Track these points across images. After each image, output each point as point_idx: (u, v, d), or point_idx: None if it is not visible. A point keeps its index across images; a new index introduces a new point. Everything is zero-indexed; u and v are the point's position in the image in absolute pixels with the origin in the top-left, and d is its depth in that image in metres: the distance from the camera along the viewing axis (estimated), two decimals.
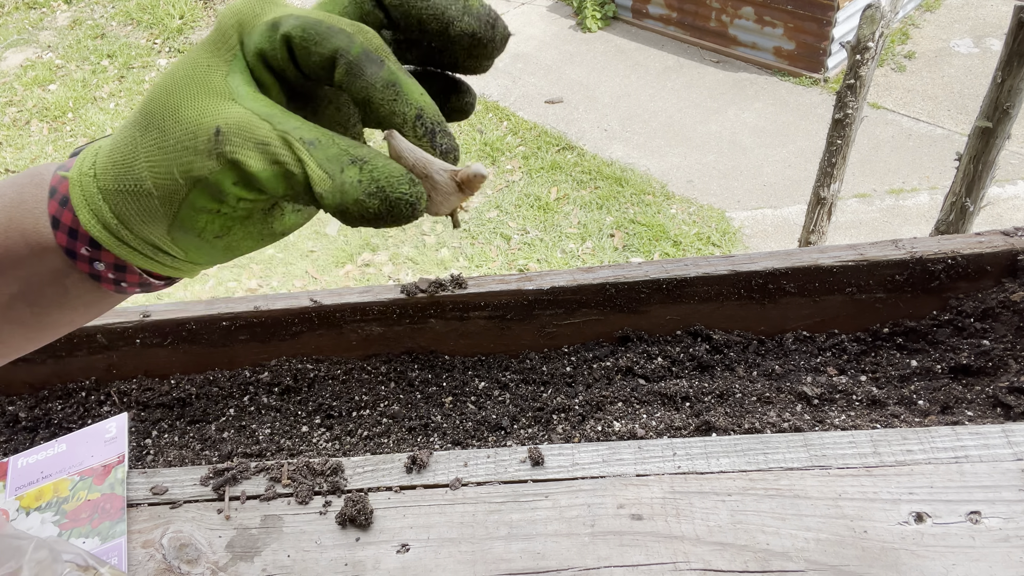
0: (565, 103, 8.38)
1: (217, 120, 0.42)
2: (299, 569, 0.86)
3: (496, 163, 7.65)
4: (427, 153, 0.43)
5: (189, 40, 9.89)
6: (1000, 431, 0.87)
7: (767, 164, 7.37)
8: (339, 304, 1.25)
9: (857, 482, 0.85)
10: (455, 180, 0.43)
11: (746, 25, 8.61)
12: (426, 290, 1.23)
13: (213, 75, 0.43)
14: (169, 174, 0.43)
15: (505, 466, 0.94)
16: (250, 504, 0.95)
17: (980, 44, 8.51)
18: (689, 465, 0.90)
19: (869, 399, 1.10)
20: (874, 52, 3.85)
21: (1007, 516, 0.79)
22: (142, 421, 1.30)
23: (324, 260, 6.87)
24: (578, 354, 1.27)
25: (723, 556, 0.80)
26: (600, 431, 1.11)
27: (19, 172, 0.52)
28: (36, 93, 9.24)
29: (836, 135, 4.21)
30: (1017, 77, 3.23)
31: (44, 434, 1.30)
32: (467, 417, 1.22)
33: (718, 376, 1.20)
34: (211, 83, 0.43)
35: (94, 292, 0.52)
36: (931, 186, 6.90)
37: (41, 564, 0.67)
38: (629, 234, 6.70)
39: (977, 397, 1.07)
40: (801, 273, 1.17)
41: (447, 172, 0.43)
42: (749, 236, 6.64)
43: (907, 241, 1.17)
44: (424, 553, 0.85)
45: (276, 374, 1.31)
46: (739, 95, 8.30)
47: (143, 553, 0.91)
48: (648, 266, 1.22)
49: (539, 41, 9.37)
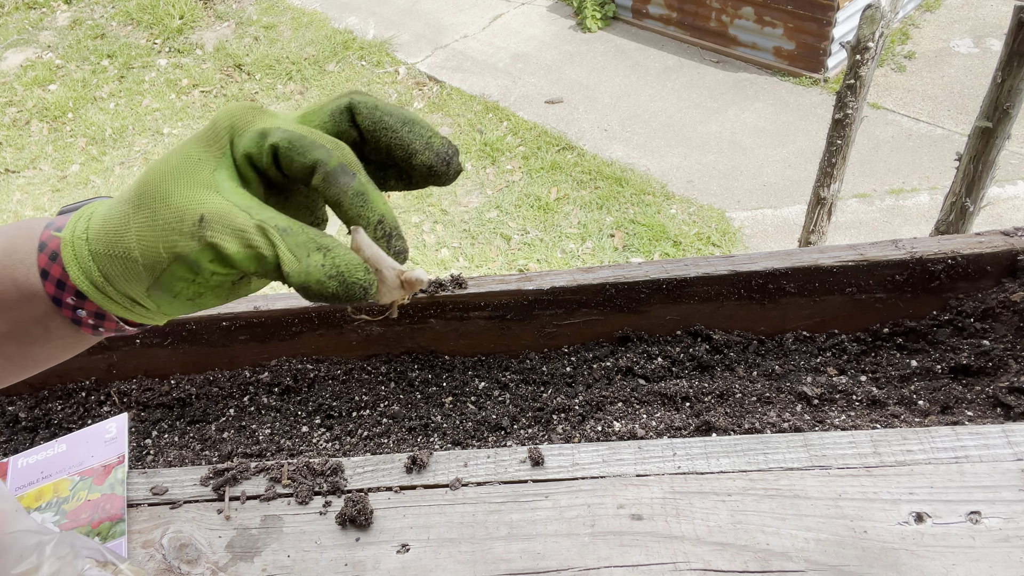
0: (565, 103, 8.38)
1: (201, 209, 0.49)
2: (299, 569, 0.86)
3: (496, 163, 7.66)
4: (382, 251, 0.52)
5: (189, 40, 9.89)
6: (1000, 431, 0.87)
7: (767, 164, 7.37)
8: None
9: (857, 482, 0.85)
10: (400, 278, 0.52)
11: (746, 25, 8.61)
12: (426, 290, 1.23)
13: (202, 168, 0.51)
14: (155, 248, 0.51)
15: (505, 466, 0.94)
16: (250, 504, 0.95)
17: (980, 44, 8.51)
18: (689, 465, 0.90)
19: (869, 399, 1.10)
20: (874, 52, 3.85)
21: (1007, 516, 0.79)
22: (142, 421, 1.30)
23: None
24: (578, 354, 1.27)
25: (723, 556, 0.80)
26: (600, 431, 1.11)
27: (8, 224, 0.60)
28: (36, 93, 9.24)
29: (836, 135, 4.21)
30: (1017, 77, 3.22)
31: (44, 434, 1.30)
32: (467, 417, 1.22)
33: (718, 376, 1.20)
34: (199, 176, 0.51)
35: (74, 335, 0.59)
36: (931, 186, 6.90)
37: (63, 560, 0.67)
38: (629, 234, 6.70)
39: (977, 397, 1.07)
40: (801, 273, 1.17)
41: (395, 270, 0.52)
42: (749, 236, 6.64)
43: (907, 241, 1.17)
44: (424, 553, 0.85)
45: (276, 374, 1.31)
46: (739, 95, 8.30)
47: (143, 553, 0.91)
48: (648, 266, 1.22)
49: (539, 41, 9.36)
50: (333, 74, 9.14)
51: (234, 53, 9.55)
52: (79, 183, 8.08)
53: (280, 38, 9.80)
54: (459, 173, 0.56)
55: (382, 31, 9.71)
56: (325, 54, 9.37)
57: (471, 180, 7.53)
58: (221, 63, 9.53)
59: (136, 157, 8.34)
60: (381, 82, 8.93)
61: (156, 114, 8.91)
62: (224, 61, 9.54)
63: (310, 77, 9.10)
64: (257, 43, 9.76)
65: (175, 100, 9.10)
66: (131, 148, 8.48)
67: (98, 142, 8.59)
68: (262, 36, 9.85)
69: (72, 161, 8.39)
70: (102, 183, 8.03)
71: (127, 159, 8.32)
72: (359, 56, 9.34)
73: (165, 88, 9.27)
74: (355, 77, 9.05)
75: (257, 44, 9.74)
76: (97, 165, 8.29)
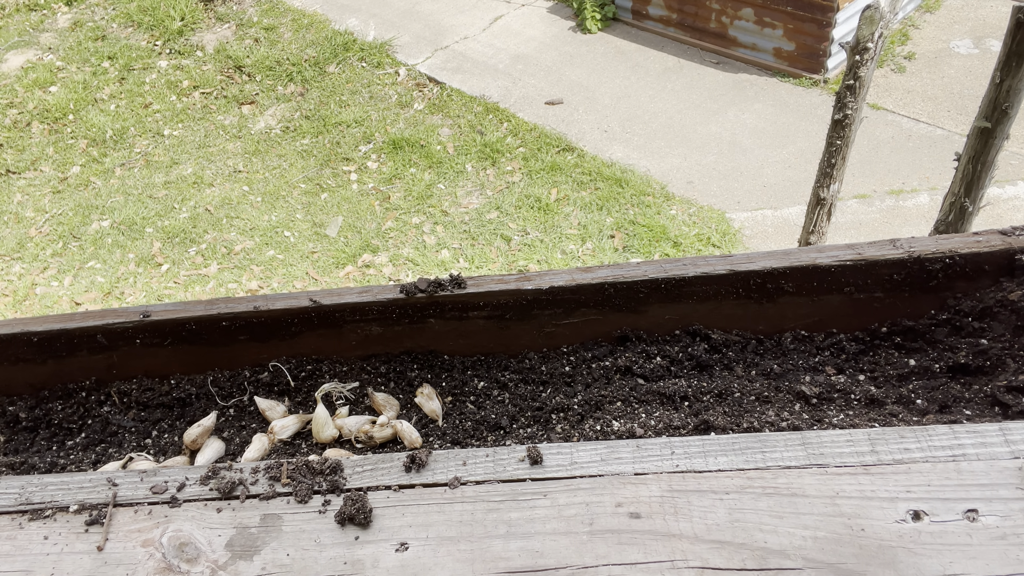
0: (565, 104, 8.38)
1: None
2: (298, 567, 0.86)
3: (496, 164, 7.66)
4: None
5: (189, 42, 9.89)
6: (998, 430, 0.88)
7: (767, 165, 7.37)
8: (338, 304, 1.25)
9: (855, 480, 0.85)
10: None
11: (746, 26, 8.61)
12: (425, 290, 1.23)
13: None
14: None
15: (504, 465, 0.94)
16: (250, 503, 0.95)
17: (980, 45, 8.51)
18: (687, 464, 0.90)
19: (867, 398, 1.11)
20: (873, 53, 3.85)
21: (1004, 514, 0.79)
22: (142, 421, 1.30)
23: (325, 261, 6.87)
24: (577, 354, 1.28)
25: (721, 554, 0.80)
26: (599, 430, 1.12)
27: None
28: (37, 95, 9.24)
29: (836, 136, 4.21)
30: (1016, 77, 3.23)
31: (44, 434, 1.30)
32: (466, 416, 1.22)
33: (717, 375, 1.20)
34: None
35: None
36: (931, 187, 6.90)
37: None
38: (629, 235, 6.70)
39: (975, 396, 1.08)
40: (799, 273, 1.18)
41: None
42: (749, 237, 6.64)
43: (905, 241, 1.17)
44: (423, 551, 0.86)
45: (276, 374, 1.31)
46: (739, 96, 8.30)
47: (143, 552, 0.91)
48: (647, 266, 1.22)
49: (539, 42, 9.37)
50: (333, 75, 9.15)
51: (235, 55, 9.56)
52: (80, 185, 8.08)
53: (280, 40, 9.81)
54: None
55: (382, 32, 9.71)
56: (325, 56, 9.38)
57: (471, 181, 7.53)
58: (222, 65, 9.54)
59: (137, 158, 8.35)
60: (381, 83, 8.94)
61: (157, 116, 8.92)
62: (225, 63, 9.55)
63: (310, 79, 9.10)
64: (258, 45, 9.77)
65: (176, 102, 9.11)
66: (132, 150, 8.49)
67: (99, 144, 8.60)
68: (263, 38, 9.86)
69: (73, 163, 8.39)
70: (103, 185, 8.03)
71: (128, 160, 8.33)
72: (359, 57, 9.35)
73: (166, 90, 9.28)
74: (355, 78, 9.05)
75: (258, 46, 9.74)
76: (98, 167, 8.29)
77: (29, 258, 7.25)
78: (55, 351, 1.31)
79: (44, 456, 1.26)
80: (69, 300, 6.71)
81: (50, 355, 1.32)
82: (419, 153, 7.86)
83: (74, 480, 0.99)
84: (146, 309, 1.30)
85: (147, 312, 1.29)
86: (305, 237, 7.16)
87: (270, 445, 1.21)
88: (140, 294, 6.62)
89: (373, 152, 8.01)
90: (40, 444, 1.29)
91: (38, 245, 7.39)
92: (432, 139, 8.03)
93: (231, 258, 6.99)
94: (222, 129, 8.65)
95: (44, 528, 0.94)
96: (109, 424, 1.29)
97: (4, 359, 1.30)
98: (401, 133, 8.12)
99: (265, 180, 7.87)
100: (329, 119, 8.45)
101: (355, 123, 8.37)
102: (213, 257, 7.03)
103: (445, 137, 8.09)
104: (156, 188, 7.92)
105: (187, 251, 7.13)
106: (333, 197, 7.55)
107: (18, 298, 6.80)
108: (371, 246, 6.95)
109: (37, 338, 1.27)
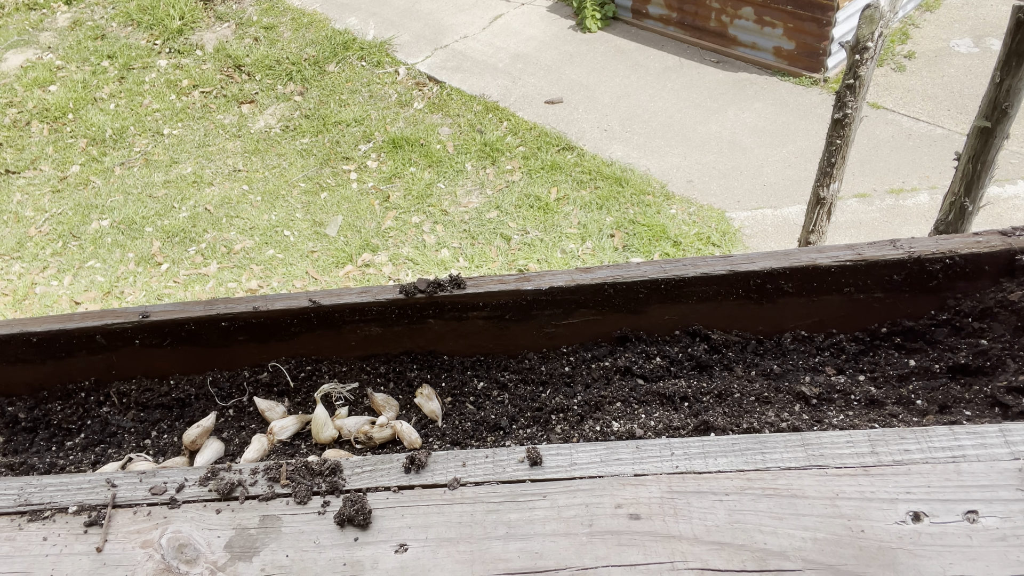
0: (565, 103, 8.38)
1: None
2: (298, 569, 0.86)
3: (496, 163, 7.66)
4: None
5: (189, 41, 9.89)
6: (998, 431, 0.87)
7: (767, 164, 7.37)
8: (338, 305, 1.25)
9: (855, 482, 0.85)
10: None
11: (746, 25, 8.61)
12: (425, 290, 1.23)
13: None
14: None
15: (503, 466, 0.94)
16: (249, 504, 0.95)
17: (980, 44, 8.50)
18: (687, 465, 0.90)
19: (867, 399, 1.11)
20: (873, 52, 3.85)
21: (1004, 515, 0.79)
22: (141, 422, 1.30)
23: (324, 261, 6.87)
24: (577, 354, 1.27)
25: (720, 555, 0.80)
26: (599, 431, 1.11)
27: None
28: (36, 94, 9.24)
29: (835, 135, 4.21)
30: (1016, 77, 3.22)
31: (43, 435, 1.30)
32: (466, 417, 1.22)
33: (716, 376, 1.20)
34: None
35: None
36: (931, 186, 6.90)
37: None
38: (629, 234, 6.70)
39: (975, 397, 1.07)
40: (799, 273, 1.18)
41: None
42: (749, 236, 6.64)
43: (905, 241, 1.17)
44: (422, 553, 0.86)
45: (275, 375, 1.31)
46: (739, 95, 8.30)
47: (142, 553, 0.91)
48: (646, 266, 1.22)
49: (539, 41, 9.36)
50: (333, 75, 9.14)
51: (234, 54, 9.56)
52: (79, 184, 8.08)
53: (280, 39, 9.80)
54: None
55: (382, 31, 9.71)
56: (325, 54, 9.37)
57: (471, 180, 7.53)
58: (221, 64, 9.53)
59: (136, 158, 8.35)
60: (381, 82, 8.94)
61: (156, 115, 8.92)
62: (224, 62, 9.54)
63: (310, 78, 9.10)
64: (257, 44, 9.76)
65: (175, 101, 9.11)
66: (131, 149, 8.49)
67: (98, 143, 8.59)
68: (262, 37, 9.85)
69: (72, 162, 8.39)
70: (102, 184, 8.03)
71: (127, 160, 8.33)
72: (359, 56, 9.35)
73: (165, 89, 9.28)
74: (355, 77, 9.05)
75: (257, 45, 9.74)
76: (97, 166, 8.29)
77: (29, 257, 7.25)
78: (54, 351, 1.31)
79: (43, 457, 1.26)
80: (69, 299, 6.71)
81: (49, 355, 1.32)
82: (419, 152, 7.86)
83: (73, 481, 0.99)
84: (145, 309, 1.30)
85: (146, 312, 1.29)
86: (305, 236, 7.16)
87: (269, 446, 1.21)
88: (140, 293, 6.62)
89: (373, 151, 8.00)
90: (39, 445, 1.29)
91: (38, 244, 7.39)
92: (432, 138, 8.03)
93: (231, 257, 6.99)
94: (222, 128, 8.64)
95: (43, 529, 0.94)
96: (108, 425, 1.29)
97: (3, 359, 1.30)
98: (401, 132, 8.11)
99: (265, 179, 7.87)
100: (329, 118, 8.44)
101: (355, 122, 8.36)
102: (213, 256, 7.02)
103: (445, 136, 8.09)
104: (156, 187, 7.92)
105: (187, 250, 7.13)
106: (333, 196, 7.55)
107: (18, 297, 6.80)
108: (371, 245, 6.95)
109: (36, 338, 1.27)
